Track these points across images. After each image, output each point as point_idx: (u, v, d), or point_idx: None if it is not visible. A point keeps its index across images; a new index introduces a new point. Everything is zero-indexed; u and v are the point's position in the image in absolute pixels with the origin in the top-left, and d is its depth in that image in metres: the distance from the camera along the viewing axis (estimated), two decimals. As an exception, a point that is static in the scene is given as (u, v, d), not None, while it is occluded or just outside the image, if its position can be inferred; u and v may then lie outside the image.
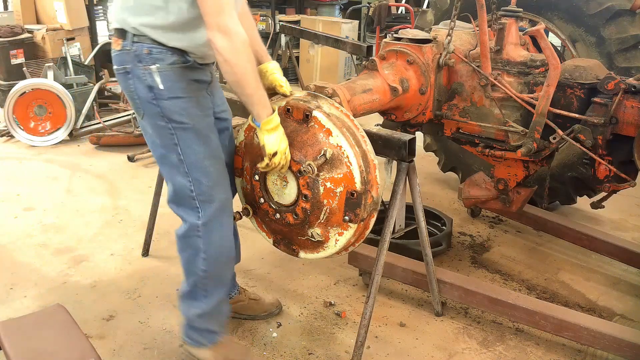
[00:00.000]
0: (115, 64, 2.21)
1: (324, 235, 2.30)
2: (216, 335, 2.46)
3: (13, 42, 5.94)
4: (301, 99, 2.30)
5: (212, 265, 2.32)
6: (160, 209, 3.38)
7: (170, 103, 2.14)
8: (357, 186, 2.17)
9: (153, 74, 2.12)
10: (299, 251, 2.44)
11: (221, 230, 2.30)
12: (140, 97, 2.17)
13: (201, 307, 2.38)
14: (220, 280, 2.40)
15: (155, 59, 2.11)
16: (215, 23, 1.99)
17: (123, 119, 5.55)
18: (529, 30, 2.62)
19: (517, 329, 2.83)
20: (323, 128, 2.20)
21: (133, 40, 2.11)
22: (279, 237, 2.48)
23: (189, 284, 2.38)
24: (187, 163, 2.21)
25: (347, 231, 2.26)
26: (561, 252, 3.57)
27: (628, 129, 2.66)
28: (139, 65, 2.12)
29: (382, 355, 2.65)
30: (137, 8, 2.09)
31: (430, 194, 4.35)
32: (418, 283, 2.96)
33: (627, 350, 2.46)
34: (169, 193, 2.33)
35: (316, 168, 2.16)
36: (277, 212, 2.38)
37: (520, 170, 3.02)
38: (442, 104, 3.09)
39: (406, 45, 2.98)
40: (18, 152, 5.12)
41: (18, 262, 3.36)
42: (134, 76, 2.14)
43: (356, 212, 2.20)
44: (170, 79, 2.13)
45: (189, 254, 2.33)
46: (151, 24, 2.09)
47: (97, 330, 2.77)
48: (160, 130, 2.20)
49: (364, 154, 2.21)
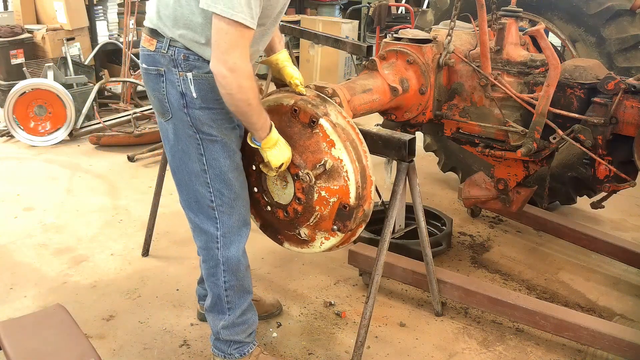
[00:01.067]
0: (146, 64, 2.14)
1: (311, 236, 2.32)
2: (245, 347, 2.44)
3: (13, 42, 5.94)
4: (310, 101, 2.26)
5: (232, 276, 2.30)
6: (160, 209, 3.39)
7: (201, 113, 2.10)
8: (351, 201, 2.18)
9: (187, 81, 2.06)
10: (284, 242, 2.46)
11: (239, 242, 2.28)
12: (171, 102, 2.12)
13: (226, 318, 2.36)
14: (242, 288, 2.36)
15: (192, 66, 2.06)
16: (224, 60, 1.92)
17: (123, 119, 5.55)
18: (529, 30, 2.61)
19: (517, 329, 2.83)
20: (327, 138, 2.18)
21: (169, 43, 2.06)
22: (266, 223, 2.49)
23: (213, 297, 2.36)
24: (210, 174, 2.17)
25: (334, 238, 2.28)
26: (561, 252, 3.57)
27: (628, 129, 2.66)
28: (173, 70, 2.07)
29: (382, 355, 2.65)
30: (176, 20, 2.04)
31: (430, 194, 4.35)
32: (418, 283, 2.96)
33: (627, 350, 2.46)
34: (184, 199, 2.30)
35: (314, 178, 2.17)
36: (268, 205, 2.38)
37: (520, 170, 3.02)
38: (442, 104, 3.09)
39: (406, 45, 2.98)
40: (18, 152, 5.12)
41: (18, 262, 3.36)
42: (167, 80, 2.09)
43: (345, 224, 2.22)
44: (205, 89, 2.07)
45: (210, 265, 2.31)
46: (189, 37, 2.04)
47: (97, 330, 2.77)
48: (187, 139, 2.16)
49: (362, 170, 2.22)
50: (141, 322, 2.84)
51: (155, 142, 5.02)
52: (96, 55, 6.37)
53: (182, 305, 2.97)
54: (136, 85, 5.97)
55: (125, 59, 6.02)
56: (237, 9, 1.86)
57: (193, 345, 2.68)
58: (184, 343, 2.69)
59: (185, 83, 2.07)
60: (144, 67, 2.16)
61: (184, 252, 3.41)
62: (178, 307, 2.96)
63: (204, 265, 2.34)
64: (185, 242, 3.50)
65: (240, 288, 2.34)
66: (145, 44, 2.14)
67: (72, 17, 6.17)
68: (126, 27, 5.98)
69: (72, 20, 6.18)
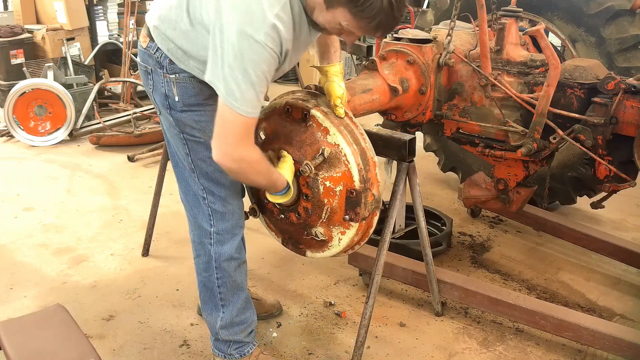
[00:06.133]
0: (139, 58, 2.18)
1: (327, 235, 2.30)
2: (245, 347, 2.43)
3: (13, 42, 5.94)
4: (300, 97, 2.29)
5: (225, 272, 2.30)
6: (160, 209, 3.39)
7: (183, 115, 2.10)
8: (355, 184, 2.17)
9: (171, 83, 2.06)
10: (306, 250, 2.43)
11: (232, 240, 2.28)
12: (155, 101, 2.15)
13: (222, 316, 2.35)
14: (235, 285, 2.35)
15: (177, 69, 2.05)
16: (229, 153, 1.91)
17: (123, 119, 5.55)
18: (529, 30, 2.62)
19: (517, 329, 2.83)
20: (321, 127, 2.19)
21: (158, 47, 2.06)
22: (286, 236, 2.48)
23: (206, 292, 2.36)
24: (198, 173, 2.18)
25: (349, 230, 2.26)
26: (561, 252, 3.57)
27: (628, 129, 2.66)
28: (159, 71, 2.08)
29: (382, 355, 2.65)
30: (169, 38, 2.04)
31: (430, 194, 4.35)
32: (418, 283, 2.95)
33: (627, 350, 2.46)
34: (182, 191, 2.32)
35: (314, 167, 2.16)
36: (280, 212, 2.38)
37: (520, 170, 3.02)
38: (442, 104, 3.09)
39: (406, 45, 2.98)
40: (18, 152, 5.12)
41: (18, 262, 3.36)
42: (153, 79, 2.11)
43: (356, 211, 2.20)
44: (188, 93, 2.07)
45: (203, 261, 2.31)
46: (178, 44, 2.03)
47: (97, 330, 2.77)
48: (174, 137, 2.18)
49: (362, 152, 2.21)
50: (141, 322, 2.84)
51: (155, 142, 5.02)
52: (96, 55, 6.37)
53: (182, 305, 2.97)
54: (136, 85, 5.97)
55: (125, 59, 6.02)
56: (249, 105, 1.86)
57: (193, 345, 2.68)
58: (184, 343, 2.69)
59: (169, 85, 2.07)
60: (137, 60, 2.21)
61: (184, 252, 3.41)
62: (178, 307, 2.96)
63: (197, 260, 2.34)
64: (185, 242, 3.50)
65: (233, 284, 2.34)
66: (140, 40, 2.16)
67: (72, 17, 6.17)
68: (126, 27, 5.98)
69: (72, 20, 6.18)
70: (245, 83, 1.83)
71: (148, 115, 5.65)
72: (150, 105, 5.70)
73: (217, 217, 2.23)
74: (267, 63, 1.85)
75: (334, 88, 2.24)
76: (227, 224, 2.25)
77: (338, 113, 2.20)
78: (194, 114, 2.09)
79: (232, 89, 1.83)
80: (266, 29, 1.80)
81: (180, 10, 1.97)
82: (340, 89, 2.24)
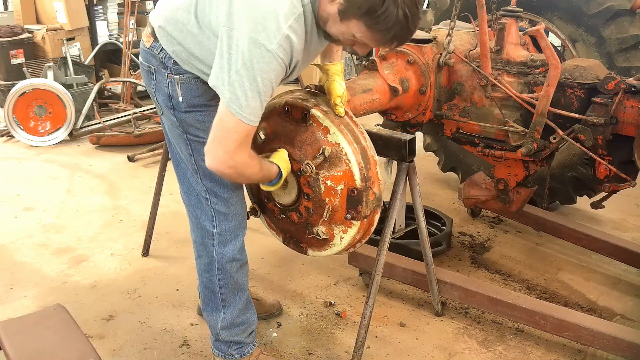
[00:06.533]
0: (142, 58, 2.16)
1: (329, 233, 2.30)
2: (245, 347, 2.43)
3: (13, 42, 5.93)
4: (299, 97, 2.28)
5: (226, 273, 2.29)
6: (160, 209, 3.39)
7: (187, 116, 2.09)
8: (357, 183, 2.17)
9: (175, 84, 2.05)
10: (307, 249, 2.43)
11: (235, 241, 2.27)
12: (158, 101, 2.13)
13: (222, 316, 2.35)
14: (237, 286, 2.34)
15: (181, 70, 2.04)
16: (224, 160, 1.90)
17: (123, 119, 5.55)
18: (529, 30, 2.62)
19: (517, 329, 2.83)
20: (321, 126, 2.19)
21: (162, 48, 2.05)
22: (287, 235, 2.48)
23: (207, 293, 2.35)
24: (201, 174, 2.17)
25: (351, 229, 2.26)
26: (561, 252, 3.57)
27: (628, 129, 2.66)
28: (162, 71, 2.06)
29: (382, 355, 2.65)
30: (174, 24, 2.02)
31: (430, 194, 4.35)
32: (418, 283, 2.95)
33: (626, 350, 2.46)
34: (184, 192, 2.31)
35: (315, 167, 2.16)
36: (281, 212, 2.38)
37: (520, 170, 3.02)
38: (442, 104, 3.09)
39: (406, 45, 2.98)
40: (18, 152, 5.12)
41: (18, 262, 3.36)
42: (157, 79, 2.10)
43: (358, 210, 2.20)
44: (191, 93, 2.06)
45: (205, 262, 2.30)
46: (183, 57, 2.02)
47: (97, 330, 2.77)
48: (177, 137, 2.17)
49: (363, 151, 2.21)
50: (141, 322, 2.84)
51: (156, 142, 5.02)
52: (96, 55, 6.37)
53: (182, 305, 2.97)
54: (136, 85, 5.97)
55: (125, 59, 6.02)
56: (252, 113, 1.86)
57: (193, 345, 2.68)
58: (184, 343, 2.70)
59: (173, 85, 2.06)
60: (139, 60, 2.19)
61: (184, 252, 3.41)
62: (178, 307, 2.96)
63: (199, 260, 2.33)
64: (185, 242, 3.50)
65: (235, 286, 2.33)
66: (143, 39, 2.14)
67: (72, 17, 6.17)
68: (126, 27, 5.98)
69: (72, 20, 6.17)
70: (252, 91, 1.81)
71: (148, 115, 5.65)
72: (150, 105, 5.70)
73: (220, 218, 2.22)
74: (275, 73, 1.84)
75: (334, 87, 2.24)
76: (230, 225, 2.24)
77: (338, 112, 2.20)
78: (198, 114, 2.09)
79: (238, 95, 1.81)
80: (279, 39, 1.79)
81: (188, 13, 1.96)
82: (341, 88, 2.24)
